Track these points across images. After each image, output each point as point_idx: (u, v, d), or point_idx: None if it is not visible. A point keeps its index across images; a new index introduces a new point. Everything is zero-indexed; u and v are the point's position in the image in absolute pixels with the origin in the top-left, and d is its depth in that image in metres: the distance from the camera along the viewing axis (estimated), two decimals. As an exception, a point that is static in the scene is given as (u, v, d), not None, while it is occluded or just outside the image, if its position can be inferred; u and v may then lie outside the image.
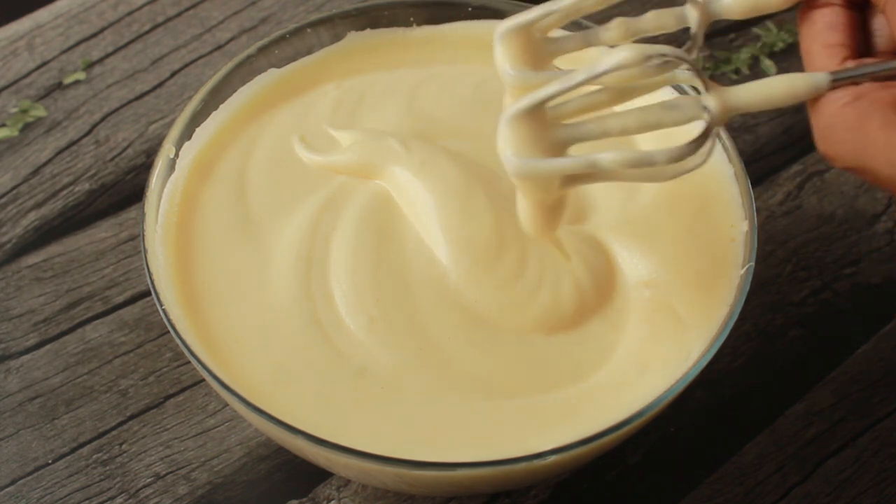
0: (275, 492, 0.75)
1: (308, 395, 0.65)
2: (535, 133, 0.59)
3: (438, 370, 0.67)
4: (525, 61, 0.61)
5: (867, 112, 0.54)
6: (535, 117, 0.59)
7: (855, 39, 0.58)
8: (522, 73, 0.61)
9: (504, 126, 0.59)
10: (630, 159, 0.58)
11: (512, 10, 0.80)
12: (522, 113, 0.59)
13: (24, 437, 0.77)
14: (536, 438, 0.63)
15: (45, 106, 0.94)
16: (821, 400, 0.80)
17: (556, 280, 0.69)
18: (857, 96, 0.55)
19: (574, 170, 0.59)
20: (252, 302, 0.69)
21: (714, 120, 0.58)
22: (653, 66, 0.59)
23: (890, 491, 0.76)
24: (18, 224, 0.88)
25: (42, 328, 0.82)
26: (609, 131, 0.59)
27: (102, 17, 1.01)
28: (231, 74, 0.76)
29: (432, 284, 0.69)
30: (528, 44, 0.61)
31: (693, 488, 0.76)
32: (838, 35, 0.58)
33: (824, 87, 0.56)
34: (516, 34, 0.61)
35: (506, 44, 0.61)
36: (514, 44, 0.61)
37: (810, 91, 0.56)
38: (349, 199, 0.73)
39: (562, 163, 0.59)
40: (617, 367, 0.67)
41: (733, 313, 0.66)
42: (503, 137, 0.59)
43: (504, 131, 0.59)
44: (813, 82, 0.56)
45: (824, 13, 0.58)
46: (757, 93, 0.58)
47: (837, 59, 0.57)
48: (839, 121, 0.55)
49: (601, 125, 0.59)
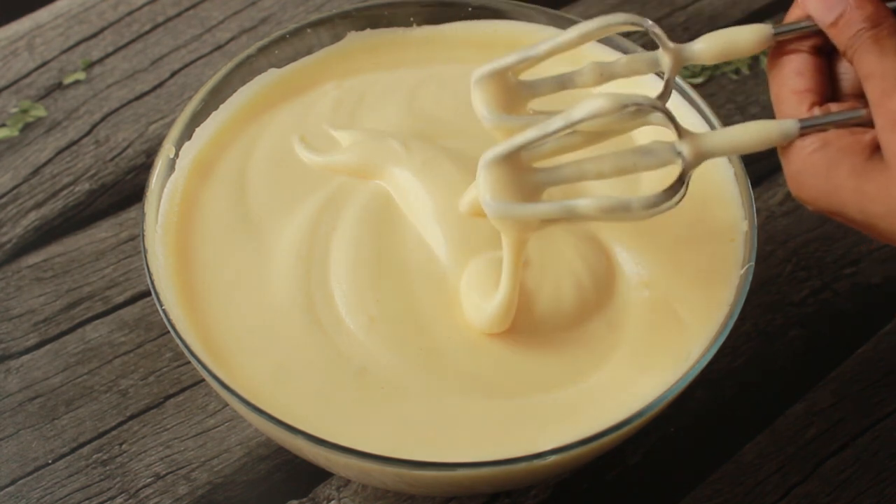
0: (275, 492, 0.75)
1: (308, 395, 0.65)
2: (512, 177, 0.61)
3: (438, 370, 0.67)
4: (501, 105, 0.63)
5: (835, 159, 0.56)
6: (512, 162, 0.61)
7: (822, 84, 0.59)
8: (499, 118, 0.63)
9: (482, 170, 0.61)
10: (606, 206, 0.59)
11: (512, 10, 0.80)
12: (500, 158, 0.60)
13: (24, 437, 0.77)
14: (536, 438, 0.63)
15: (45, 106, 0.94)
16: (821, 400, 0.79)
17: (557, 280, 0.69)
18: (825, 143, 0.56)
19: (551, 215, 0.61)
20: (252, 302, 0.69)
21: (687, 165, 0.59)
22: (628, 112, 0.60)
23: (890, 491, 0.76)
24: (18, 224, 0.88)
25: (42, 328, 0.82)
26: (585, 175, 0.60)
27: (102, 17, 1.01)
28: (231, 74, 0.76)
29: (432, 284, 0.69)
30: (504, 87, 0.63)
31: (693, 488, 0.76)
32: (806, 81, 0.59)
33: (794, 133, 0.58)
34: (492, 79, 0.62)
35: (482, 88, 0.63)
36: (490, 88, 0.62)
37: (781, 138, 0.58)
38: (349, 199, 0.73)
39: (539, 208, 0.61)
40: (617, 367, 0.67)
41: (733, 313, 0.66)
42: (482, 181, 0.61)
43: (482, 175, 0.61)
44: (783, 130, 0.58)
45: (792, 59, 0.60)
46: (729, 139, 0.59)
47: (806, 105, 0.58)
48: (808, 167, 0.57)
49: (578, 170, 0.60)
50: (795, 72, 0.59)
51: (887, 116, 0.53)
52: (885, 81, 0.54)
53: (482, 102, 0.63)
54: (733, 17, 1.01)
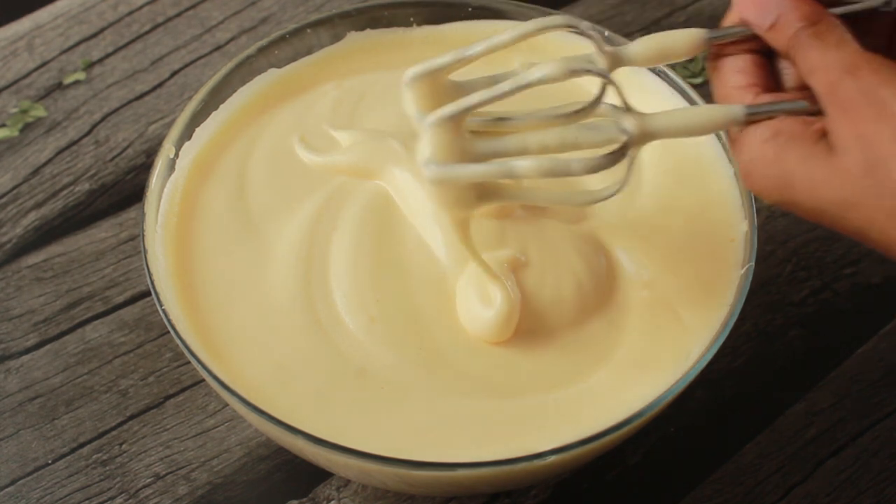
0: (275, 492, 0.75)
1: (308, 395, 0.65)
2: (455, 142, 0.60)
3: (438, 370, 0.67)
4: (433, 105, 0.62)
5: (785, 146, 0.56)
6: (457, 126, 0.60)
7: (765, 79, 0.59)
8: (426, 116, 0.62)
9: (425, 132, 0.60)
10: (546, 167, 0.59)
11: (512, 10, 0.80)
12: (444, 120, 0.60)
13: (24, 437, 0.77)
14: (536, 438, 0.63)
15: (45, 106, 0.94)
16: (821, 400, 0.80)
17: (557, 280, 0.69)
18: (776, 132, 0.56)
19: (489, 176, 0.60)
20: (252, 302, 0.69)
21: (631, 140, 0.59)
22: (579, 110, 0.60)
23: (890, 491, 0.76)
24: (18, 224, 0.88)
25: (42, 328, 0.82)
26: (528, 147, 0.60)
27: (102, 17, 1.01)
28: (231, 74, 0.76)
29: (432, 284, 0.69)
30: (436, 88, 0.62)
31: (693, 488, 0.76)
32: (747, 77, 0.59)
33: (741, 118, 0.58)
34: (424, 79, 0.62)
35: (414, 88, 0.62)
36: (422, 88, 0.62)
37: (727, 121, 0.58)
38: (349, 199, 0.73)
39: (476, 169, 0.60)
40: (617, 367, 0.67)
41: (733, 313, 0.66)
42: (423, 143, 0.61)
43: (425, 137, 0.60)
44: (729, 113, 0.58)
45: (731, 59, 0.60)
46: (675, 120, 0.59)
47: (750, 97, 0.59)
48: (759, 156, 0.56)
49: (521, 140, 0.60)
50: (736, 69, 0.60)
51: (837, 105, 0.53)
52: (830, 73, 0.54)
53: (413, 103, 0.62)
54: (733, 17, 1.01)
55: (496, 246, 0.69)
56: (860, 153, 0.52)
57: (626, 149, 0.59)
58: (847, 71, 0.54)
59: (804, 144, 0.55)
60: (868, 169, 0.52)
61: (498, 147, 0.61)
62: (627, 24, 1.00)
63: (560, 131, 0.60)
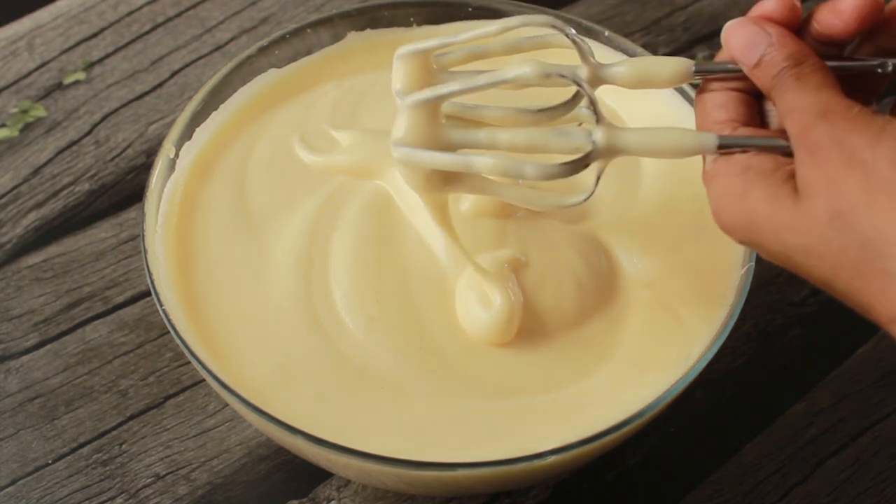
0: (275, 492, 0.75)
1: (308, 395, 0.65)
2: (427, 126, 0.61)
3: (438, 370, 0.67)
4: (418, 85, 0.62)
5: (752, 182, 0.54)
6: (431, 112, 0.61)
7: (746, 116, 0.58)
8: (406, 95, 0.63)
9: (401, 113, 0.61)
10: (501, 166, 0.59)
11: (512, 10, 0.80)
12: (420, 104, 0.61)
13: (24, 437, 0.77)
14: (536, 438, 0.63)
15: (45, 106, 0.94)
16: (821, 400, 0.80)
17: (557, 280, 0.69)
18: (746, 167, 0.55)
19: (449, 166, 0.61)
20: (252, 302, 0.69)
21: (596, 152, 0.59)
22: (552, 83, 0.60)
23: (890, 491, 0.76)
24: (18, 224, 0.88)
25: (42, 328, 0.82)
26: (497, 143, 0.61)
27: (102, 17, 1.01)
28: (231, 74, 0.76)
29: (432, 284, 0.69)
30: (424, 70, 0.63)
31: (693, 488, 0.76)
32: (728, 112, 0.58)
33: (711, 147, 0.57)
34: (415, 57, 0.62)
35: (403, 65, 0.63)
36: (410, 66, 0.63)
37: (697, 148, 0.57)
38: (349, 199, 0.73)
39: (438, 157, 0.61)
40: (617, 367, 0.67)
41: (733, 313, 0.66)
42: (398, 121, 0.61)
43: (400, 118, 0.61)
44: (701, 140, 0.57)
45: (715, 94, 0.59)
46: (644, 139, 0.59)
47: (728, 131, 0.58)
48: (729, 191, 0.55)
49: (491, 135, 0.61)
50: (718, 104, 0.59)
51: (806, 148, 0.52)
52: (804, 115, 0.53)
53: (399, 79, 0.63)
54: (733, 18, 1.01)
55: (496, 246, 0.69)
56: (826, 200, 0.51)
57: (588, 160, 0.59)
58: (820, 115, 0.52)
59: (771, 183, 0.53)
60: (834, 217, 0.50)
61: (468, 138, 0.61)
62: (627, 24, 1.00)
63: (531, 132, 0.60)
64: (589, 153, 0.59)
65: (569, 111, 0.63)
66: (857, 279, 0.51)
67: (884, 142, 0.50)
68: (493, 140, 0.61)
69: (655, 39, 0.99)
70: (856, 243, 0.50)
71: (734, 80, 0.59)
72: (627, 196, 0.74)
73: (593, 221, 0.73)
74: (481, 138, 0.61)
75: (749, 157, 0.55)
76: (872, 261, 0.50)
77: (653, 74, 0.61)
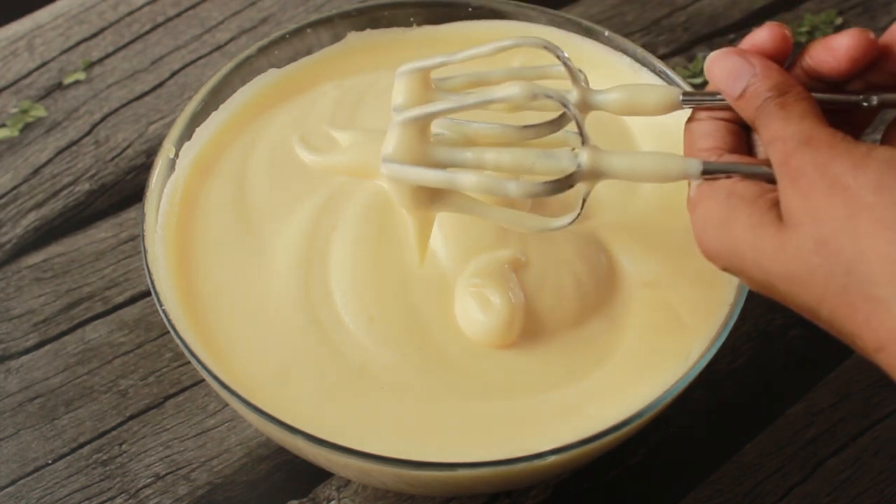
0: (275, 492, 0.75)
1: (308, 395, 0.65)
2: (416, 144, 0.63)
3: (438, 370, 0.67)
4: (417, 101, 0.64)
5: (735, 208, 0.54)
6: (421, 129, 0.63)
7: (733, 145, 0.58)
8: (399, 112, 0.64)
9: (393, 127, 0.63)
10: (485, 185, 0.61)
11: (512, 10, 0.80)
12: (412, 121, 0.63)
13: (24, 437, 0.77)
14: (536, 438, 0.63)
15: (45, 106, 0.94)
16: (821, 400, 0.80)
17: (557, 280, 0.69)
18: (730, 193, 0.55)
19: (434, 183, 0.62)
20: (252, 302, 0.69)
21: (579, 174, 0.60)
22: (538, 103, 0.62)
23: (890, 491, 0.76)
24: (18, 224, 0.88)
25: (42, 328, 0.82)
26: (484, 164, 0.62)
27: (102, 17, 1.01)
28: (231, 74, 0.76)
29: (432, 284, 0.69)
30: (422, 86, 0.64)
31: (693, 488, 0.76)
32: (714, 140, 0.59)
33: (695, 172, 0.57)
34: (412, 75, 0.64)
35: (402, 82, 0.64)
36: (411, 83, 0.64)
37: (680, 173, 0.58)
38: (349, 199, 0.73)
39: (424, 174, 0.62)
40: (617, 367, 0.67)
41: (733, 313, 0.66)
42: (389, 137, 0.63)
43: (391, 132, 0.63)
44: (685, 166, 0.58)
45: (702, 123, 0.60)
46: (629, 163, 0.60)
47: (713, 158, 0.58)
48: (712, 218, 0.55)
49: (478, 155, 0.62)
50: (705, 133, 0.59)
51: (790, 175, 0.52)
52: (787, 143, 0.53)
53: (399, 95, 0.64)
54: (733, 18, 1.01)
55: (496, 246, 0.69)
56: (811, 227, 0.51)
57: (572, 181, 0.60)
58: (803, 142, 0.52)
59: (755, 211, 0.53)
60: (818, 244, 0.50)
61: (455, 157, 0.63)
62: (627, 24, 1.00)
63: (517, 153, 0.61)
64: (572, 174, 0.60)
65: (555, 130, 0.64)
66: (842, 307, 0.50)
67: (868, 167, 0.50)
68: (479, 159, 0.62)
69: (655, 39, 0.99)
70: (841, 270, 0.50)
71: (722, 110, 0.59)
72: (627, 196, 0.74)
73: (593, 221, 0.73)
74: (468, 158, 0.62)
75: (733, 182, 0.55)
76: (858, 287, 0.49)
77: (640, 103, 0.62)
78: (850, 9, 1.02)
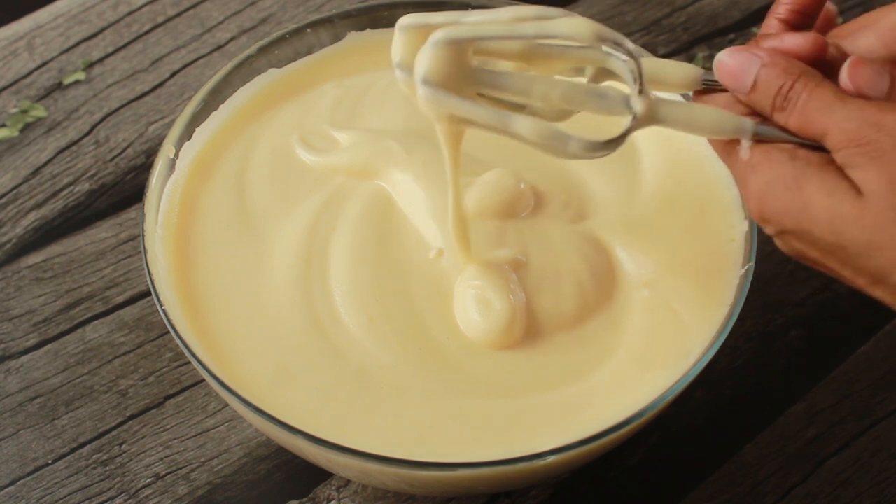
0: (275, 492, 0.75)
1: (308, 395, 0.65)
2: (455, 67, 0.57)
3: (438, 370, 0.67)
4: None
5: (805, 172, 0.54)
6: (461, 52, 0.57)
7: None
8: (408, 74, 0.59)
9: (429, 47, 0.57)
10: (543, 132, 0.56)
11: (512, 10, 0.80)
12: (451, 42, 0.57)
13: (24, 437, 0.77)
14: (536, 438, 0.63)
15: (45, 106, 0.94)
16: (821, 400, 0.79)
17: (557, 280, 0.69)
18: (793, 156, 0.55)
19: (485, 121, 0.58)
20: (252, 302, 0.69)
21: (637, 122, 0.58)
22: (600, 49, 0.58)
23: (890, 491, 0.76)
24: (18, 224, 0.88)
25: (42, 328, 0.82)
26: (531, 92, 0.58)
27: (102, 17, 1.01)
28: (231, 74, 0.76)
29: (432, 284, 0.69)
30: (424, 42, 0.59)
31: (693, 488, 0.75)
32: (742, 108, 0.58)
33: (748, 131, 0.57)
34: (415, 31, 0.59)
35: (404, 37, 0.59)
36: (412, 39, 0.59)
37: (735, 131, 0.57)
38: (349, 199, 0.73)
39: (475, 109, 0.57)
40: (617, 367, 0.67)
41: (733, 313, 0.66)
42: (424, 57, 0.57)
43: (427, 51, 0.57)
44: (739, 123, 0.57)
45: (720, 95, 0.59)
46: (685, 113, 0.58)
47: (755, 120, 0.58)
48: (777, 178, 0.55)
49: (525, 84, 0.58)
50: (727, 102, 0.59)
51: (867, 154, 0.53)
52: (845, 132, 0.53)
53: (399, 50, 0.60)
54: (733, 18, 1.01)
55: (496, 246, 0.69)
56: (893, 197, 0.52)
57: (630, 131, 0.58)
58: (871, 123, 0.53)
59: (828, 177, 0.54)
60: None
61: (499, 81, 0.58)
62: (627, 24, 1.00)
63: (568, 86, 0.58)
64: (630, 125, 0.57)
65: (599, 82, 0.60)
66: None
67: None
68: (525, 88, 0.58)
69: (655, 39, 0.99)
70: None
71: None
72: (627, 196, 0.74)
73: (593, 221, 0.73)
74: (513, 85, 0.58)
75: (793, 148, 0.55)
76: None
77: (664, 76, 0.60)
78: (850, 9, 1.02)
